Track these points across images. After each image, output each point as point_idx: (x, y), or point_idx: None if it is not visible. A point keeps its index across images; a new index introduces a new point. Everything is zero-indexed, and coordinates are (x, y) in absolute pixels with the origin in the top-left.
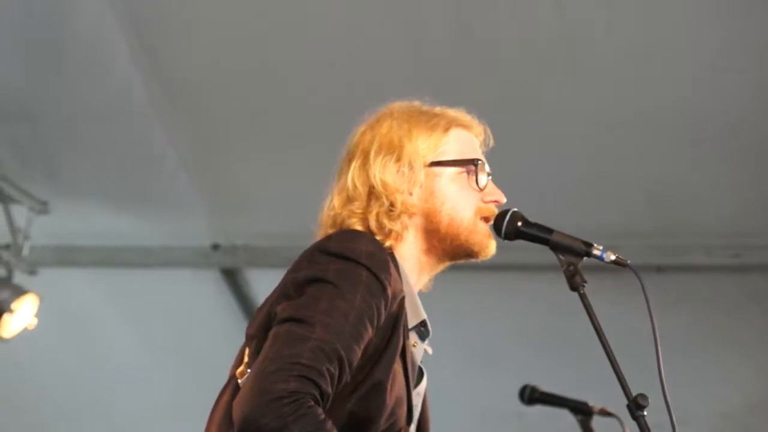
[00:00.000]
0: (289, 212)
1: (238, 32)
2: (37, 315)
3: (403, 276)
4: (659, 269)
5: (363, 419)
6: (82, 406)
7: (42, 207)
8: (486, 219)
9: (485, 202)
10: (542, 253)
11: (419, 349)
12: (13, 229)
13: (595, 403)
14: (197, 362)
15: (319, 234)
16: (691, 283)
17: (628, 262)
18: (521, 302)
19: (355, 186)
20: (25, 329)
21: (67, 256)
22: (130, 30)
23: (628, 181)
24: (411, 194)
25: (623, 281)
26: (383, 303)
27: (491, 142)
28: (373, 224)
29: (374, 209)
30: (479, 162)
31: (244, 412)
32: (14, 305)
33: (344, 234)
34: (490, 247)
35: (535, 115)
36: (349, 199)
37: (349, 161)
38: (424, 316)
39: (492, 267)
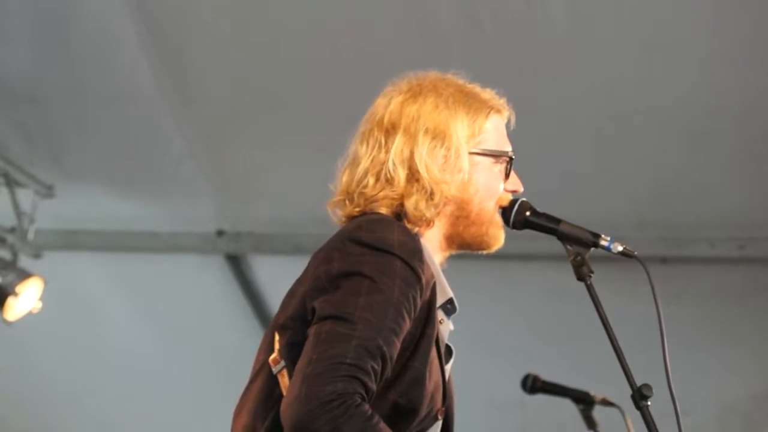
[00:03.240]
0: (294, 200)
1: (246, 19)
2: (42, 298)
3: (429, 258)
4: (664, 260)
5: (407, 409)
6: (85, 390)
7: (47, 191)
8: (502, 208)
9: (505, 191)
10: (549, 243)
11: (446, 326)
12: (19, 213)
13: (597, 392)
14: (200, 347)
15: (343, 205)
16: (696, 274)
17: (635, 252)
18: (527, 291)
19: (395, 166)
20: (30, 312)
21: (72, 240)
22: (137, 14)
23: (634, 173)
24: (449, 183)
25: (629, 272)
26: (419, 293)
27: (513, 124)
28: (410, 211)
29: (414, 195)
30: (512, 155)
31: (294, 418)
32: (19, 288)
33: (374, 223)
34: (501, 239)
35: (543, 106)
36: (387, 180)
37: (387, 132)
38: (451, 294)
39: (498, 256)
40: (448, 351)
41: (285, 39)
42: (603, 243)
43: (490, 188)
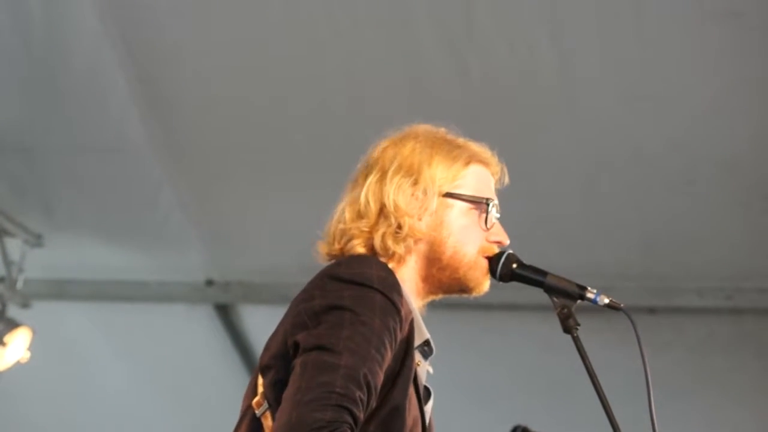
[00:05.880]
0: (283, 249)
1: (236, 70)
2: (30, 348)
3: (406, 297)
4: (652, 311)
5: None
6: None
7: (37, 240)
8: (487, 258)
9: (489, 242)
10: (536, 293)
11: (423, 368)
12: (8, 262)
13: None
14: (189, 397)
15: (326, 243)
16: (684, 324)
17: (622, 305)
18: (514, 342)
19: (367, 201)
20: (18, 362)
21: (61, 290)
22: (127, 65)
23: (622, 222)
24: (420, 220)
25: (616, 322)
26: (398, 325)
27: (506, 181)
28: (377, 244)
29: (381, 229)
30: (492, 202)
31: None
32: (7, 338)
33: (352, 260)
34: (484, 284)
35: (531, 156)
36: (359, 215)
37: (366, 175)
38: (428, 335)
39: (485, 306)
40: (427, 393)
41: (276, 92)
42: (589, 295)
43: (465, 234)
